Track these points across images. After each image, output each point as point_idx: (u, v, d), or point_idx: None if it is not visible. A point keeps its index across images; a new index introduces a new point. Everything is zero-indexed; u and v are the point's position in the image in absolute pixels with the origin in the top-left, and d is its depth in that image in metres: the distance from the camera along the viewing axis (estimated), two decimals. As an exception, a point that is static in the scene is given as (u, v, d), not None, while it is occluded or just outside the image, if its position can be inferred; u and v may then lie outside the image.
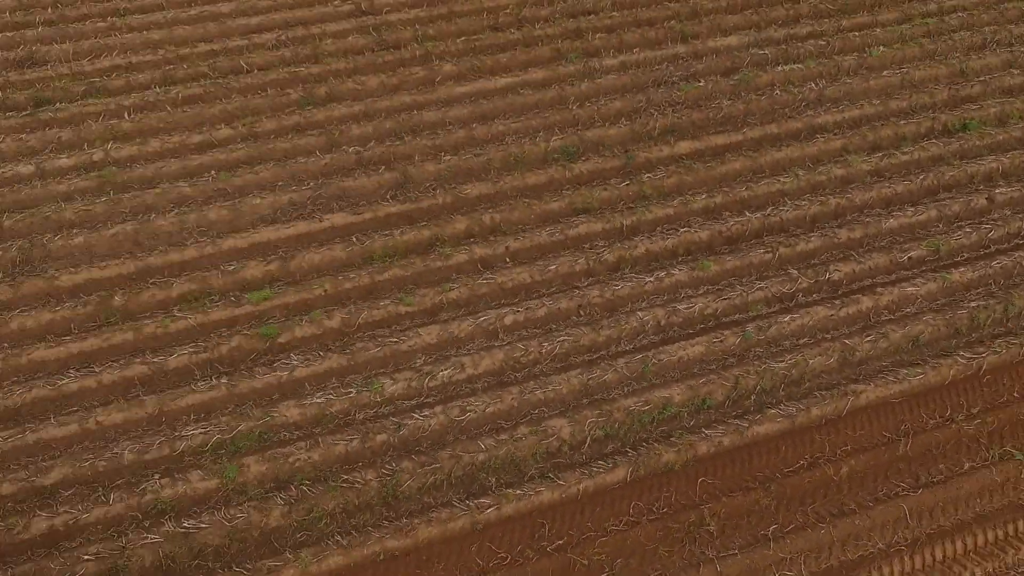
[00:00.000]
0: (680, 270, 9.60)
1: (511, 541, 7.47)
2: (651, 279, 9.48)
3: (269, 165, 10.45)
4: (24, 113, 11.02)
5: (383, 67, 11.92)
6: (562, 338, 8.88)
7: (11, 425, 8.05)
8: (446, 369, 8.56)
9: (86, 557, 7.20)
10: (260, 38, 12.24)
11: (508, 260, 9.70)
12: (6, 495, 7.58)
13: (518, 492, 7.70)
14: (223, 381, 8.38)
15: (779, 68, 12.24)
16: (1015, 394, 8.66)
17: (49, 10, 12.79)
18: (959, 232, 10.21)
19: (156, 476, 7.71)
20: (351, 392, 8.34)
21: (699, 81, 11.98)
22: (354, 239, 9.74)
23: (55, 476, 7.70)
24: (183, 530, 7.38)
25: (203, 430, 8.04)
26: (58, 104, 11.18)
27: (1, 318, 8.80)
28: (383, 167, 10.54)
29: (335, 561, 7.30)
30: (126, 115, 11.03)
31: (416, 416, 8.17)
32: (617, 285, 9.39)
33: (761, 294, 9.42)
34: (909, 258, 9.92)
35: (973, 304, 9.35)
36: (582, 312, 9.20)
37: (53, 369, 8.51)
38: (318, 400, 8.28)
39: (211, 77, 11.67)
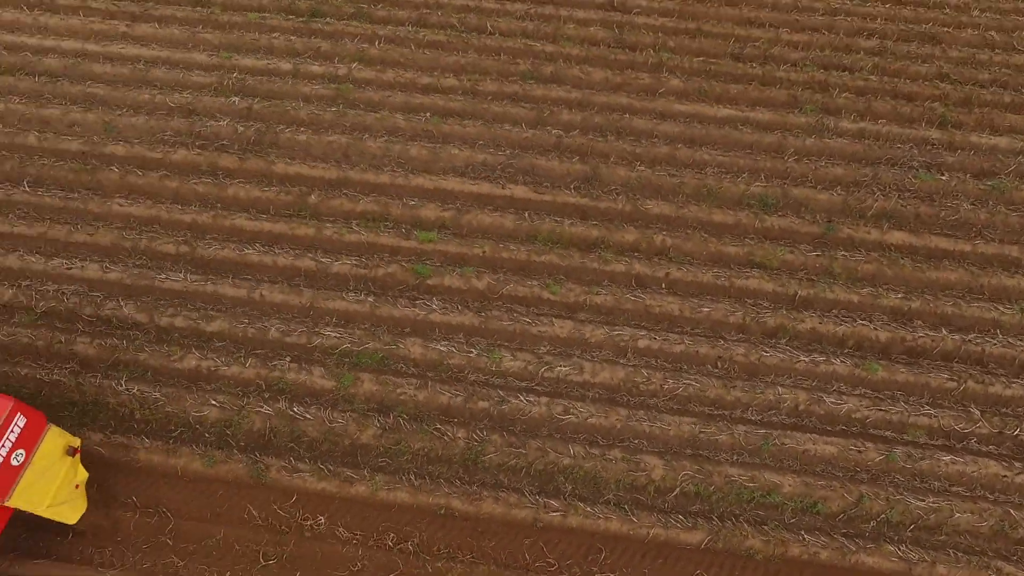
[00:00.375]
0: (842, 362, 8.76)
1: (564, 552, 7.38)
2: (806, 359, 8.75)
3: (477, 123, 10.99)
4: (300, 19, 12.52)
5: (612, 64, 11.99)
6: (689, 382, 8.51)
7: (199, 272, 9.33)
8: (565, 366, 8.57)
9: (213, 402, 8.21)
10: (512, 6, 12.82)
11: (664, 286, 9.43)
12: (178, 327, 8.82)
13: (588, 509, 7.56)
14: (369, 299, 9.06)
15: (1045, 188, 10.62)
16: None
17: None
18: None
19: (287, 359, 8.56)
20: (472, 353, 8.64)
21: (942, 174, 10.73)
22: (526, 215, 9.99)
23: (215, 327, 8.82)
24: (292, 414, 8.15)
25: (338, 335, 8.76)
26: (328, 19, 12.56)
27: (223, 183, 10.17)
28: (577, 158, 10.66)
29: (401, 496, 7.67)
30: (377, 43, 12.13)
31: (521, 398, 8.29)
32: (767, 352, 8.78)
33: (926, 421, 8.34)
34: None
35: None
36: (720, 364, 8.74)
37: (244, 239, 9.70)
38: (441, 348, 8.68)
39: (457, 30, 12.46)
